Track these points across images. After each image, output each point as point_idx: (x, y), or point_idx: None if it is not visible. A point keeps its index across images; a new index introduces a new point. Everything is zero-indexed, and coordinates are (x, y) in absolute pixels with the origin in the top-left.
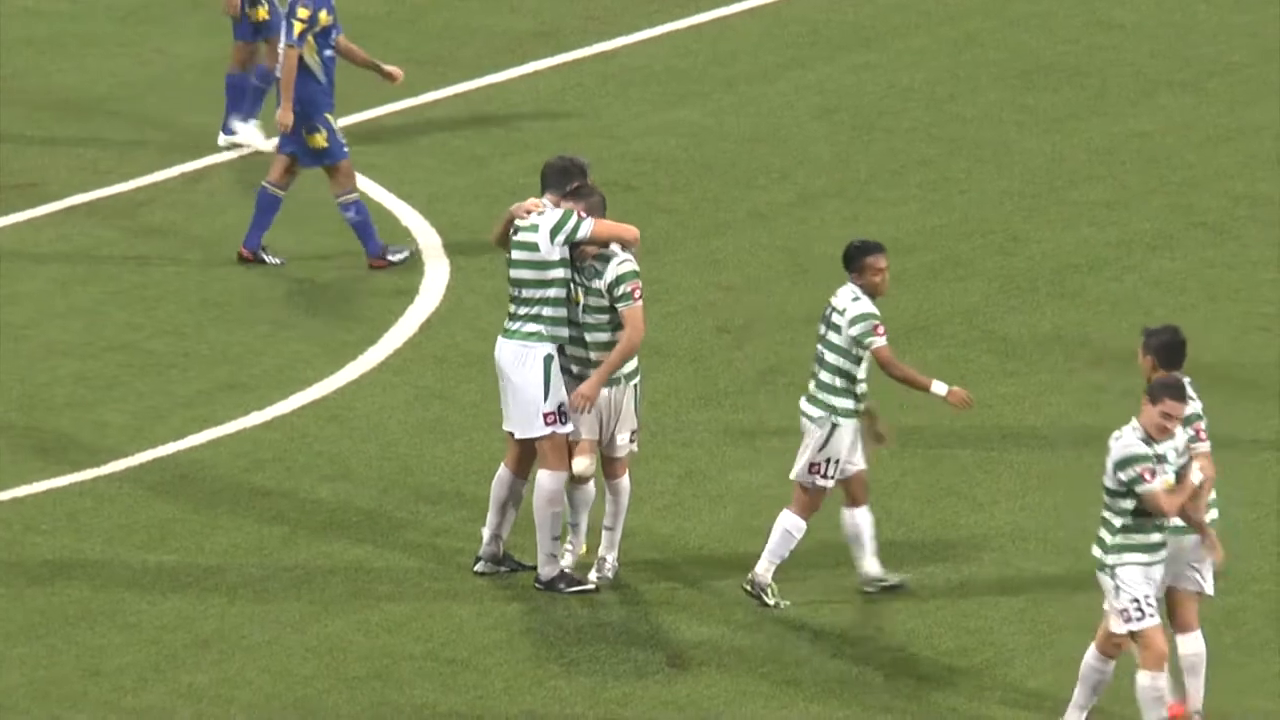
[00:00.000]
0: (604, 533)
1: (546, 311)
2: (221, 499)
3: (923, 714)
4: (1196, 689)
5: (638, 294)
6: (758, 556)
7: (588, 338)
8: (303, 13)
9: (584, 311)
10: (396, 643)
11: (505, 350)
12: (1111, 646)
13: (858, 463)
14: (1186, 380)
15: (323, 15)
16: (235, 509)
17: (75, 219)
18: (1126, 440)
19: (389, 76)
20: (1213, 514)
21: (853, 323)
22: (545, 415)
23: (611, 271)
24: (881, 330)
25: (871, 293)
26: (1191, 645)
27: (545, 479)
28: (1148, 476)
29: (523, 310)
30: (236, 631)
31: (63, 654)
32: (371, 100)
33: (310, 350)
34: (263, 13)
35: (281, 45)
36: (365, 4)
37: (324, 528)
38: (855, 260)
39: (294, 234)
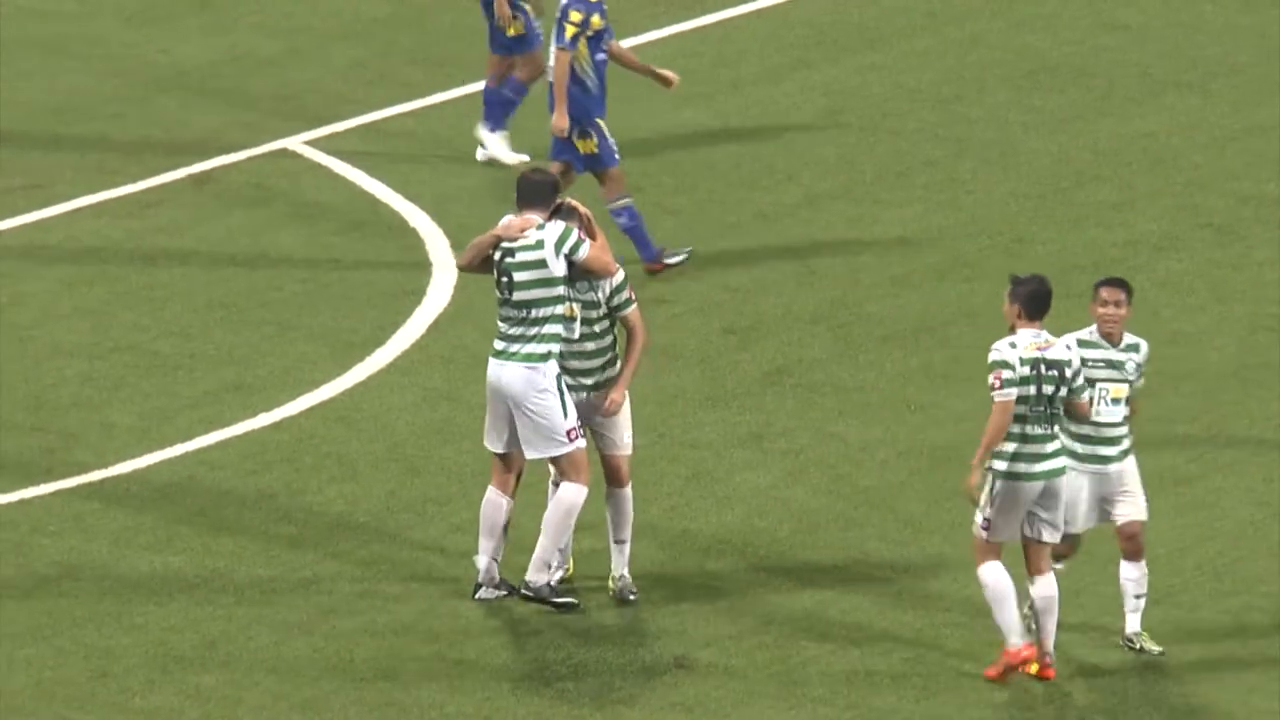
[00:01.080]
0: (616, 547)
1: (550, 329)
2: (229, 500)
3: (930, 716)
4: (1048, 632)
5: (634, 295)
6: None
7: (590, 347)
8: (575, 16)
9: (581, 324)
10: (404, 644)
11: (510, 374)
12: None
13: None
14: (1035, 334)
15: (595, 19)
16: (242, 510)
17: (82, 220)
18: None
19: (665, 81)
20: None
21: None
22: (568, 432)
23: (608, 282)
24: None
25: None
26: (1043, 589)
27: (572, 492)
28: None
29: (530, 331)
30: (244, 633)
31: (70, 655)
32: (379, 101)
33: (317, 351)
34: (519, 27)
35: (553, 50)
36: (371, 4)
37: (331, 529)
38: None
39: (300, 234)
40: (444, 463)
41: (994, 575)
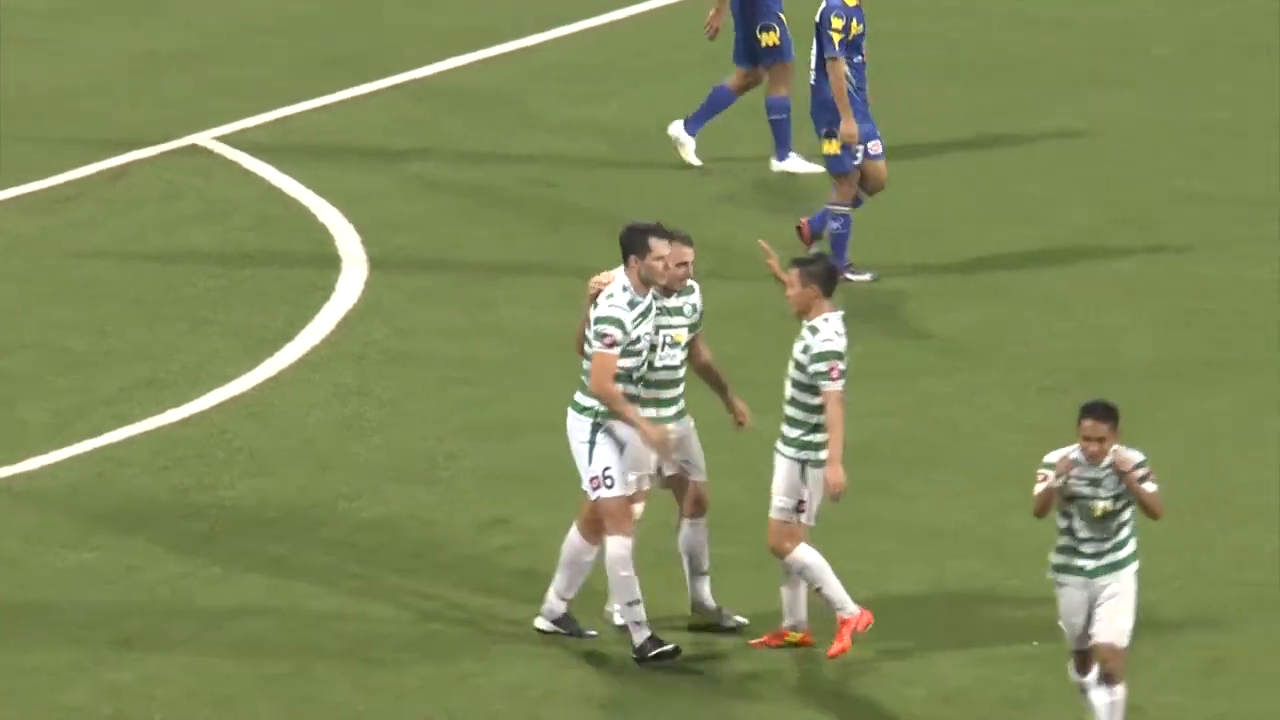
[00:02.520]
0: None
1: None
2: (141, 497)
3: (849, 710)
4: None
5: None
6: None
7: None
8: (837, 23)
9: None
10: (316, 640)
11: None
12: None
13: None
14: (840, 315)
15: (854, 24)
16: (155, 507)
17: None
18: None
19: (846, 135)
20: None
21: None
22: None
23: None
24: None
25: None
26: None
27: (608, 544)
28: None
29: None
30: (157, 629)
31: None
32: (290, 97)
33: (229, 347)
34: (774, 38)
35: (823, 61)
36: (290, 2)
37: (243, 525)
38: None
39: (212, 230)
40: (355, 459)
41: (810, 554)
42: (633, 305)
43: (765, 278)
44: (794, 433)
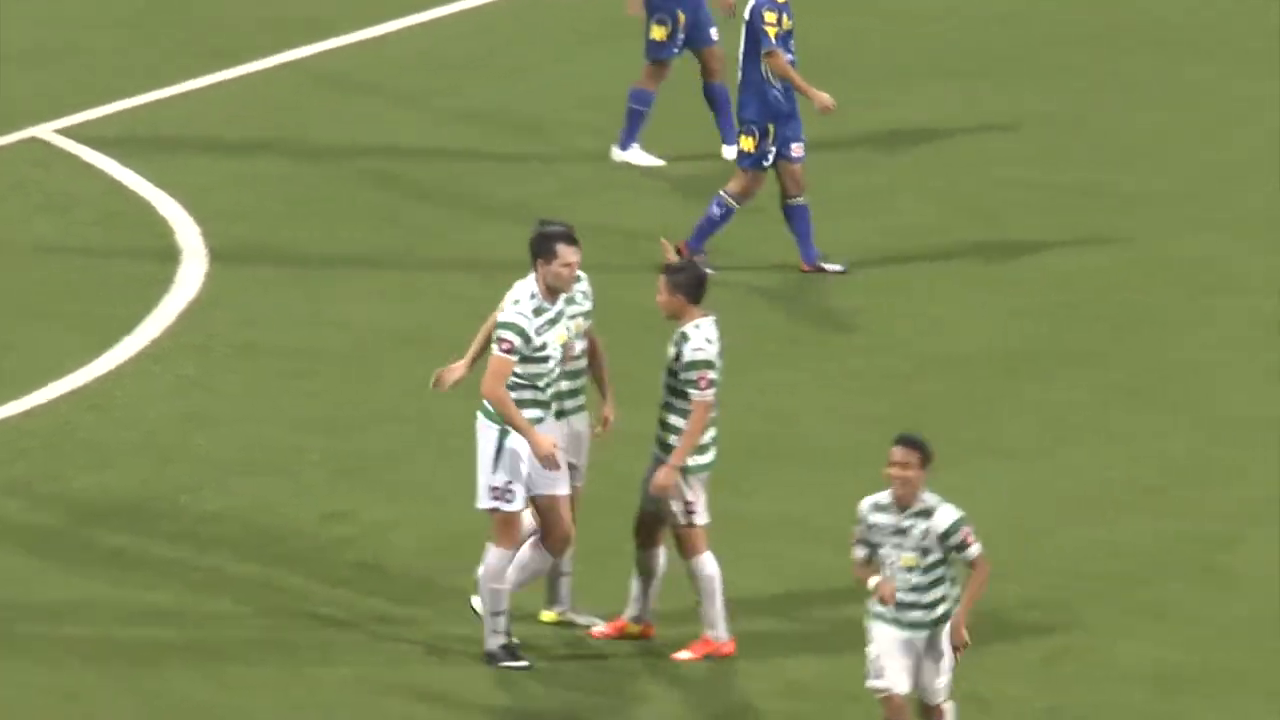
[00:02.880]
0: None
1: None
2: None
3: (692, 702)
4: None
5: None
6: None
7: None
8: (770, 17)
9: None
10: (159, 634)
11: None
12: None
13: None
14: (711, 320)
15: (785, 19)
16: None
17: None
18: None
19: (822, 106)
20: (708, 457)
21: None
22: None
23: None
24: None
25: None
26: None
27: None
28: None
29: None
30: (2, 623)
31: None
32: (130, 90)
33: (71, 339)
34: (662, 33)
35: (740, 56)
36: None
37: (86, 517)
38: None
39: (53, 222)
40: (197, 451)
41: (710, 566)
42: (538, 313)
43: (614, 268)
44: (670, 437)
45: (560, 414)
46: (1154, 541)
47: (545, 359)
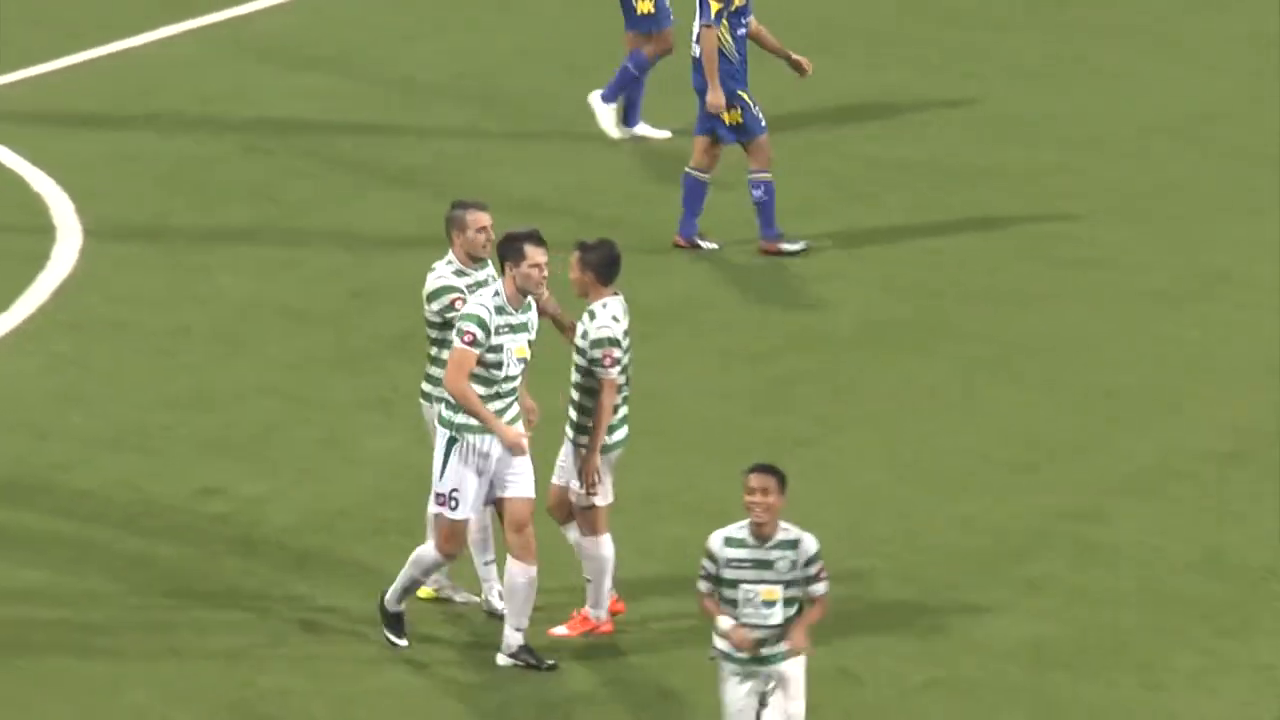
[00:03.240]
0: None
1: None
2: None
3: (564, 676)
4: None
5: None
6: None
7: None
8: None
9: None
10: (32, 610)
11: None
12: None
13: None
14: (619, 299)
15: None
16: None
17: None
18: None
19: (797, 67)
20: (617, 436)
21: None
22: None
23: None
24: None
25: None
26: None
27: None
28: None
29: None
30: None
31: None
32: (5, 66)
33: None
34: (648, 5)
35: (697, 27)
36: None
37: None
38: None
39: None
40: (71, 429)
41: (606, 548)
42: (499, 311)
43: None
44: (578, 416)
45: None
46: (1026, 516)
47: (499, 363)
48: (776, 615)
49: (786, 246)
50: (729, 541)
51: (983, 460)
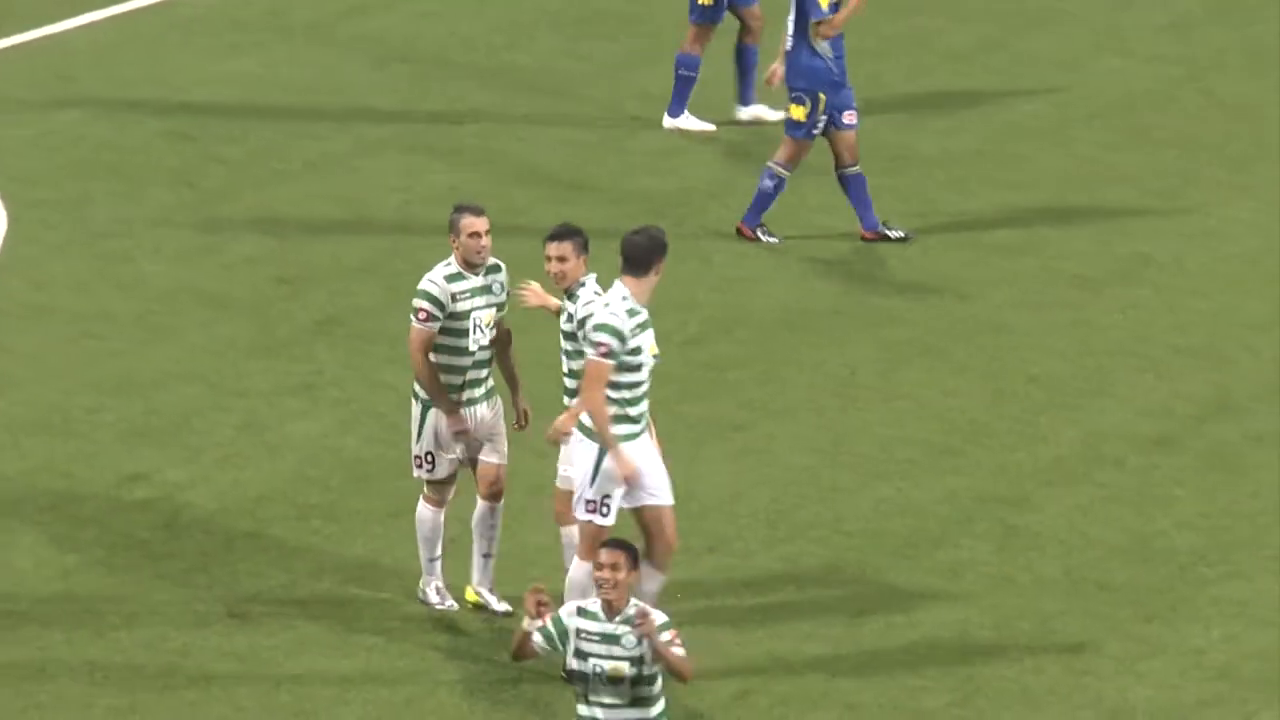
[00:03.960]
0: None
1: None
2: None
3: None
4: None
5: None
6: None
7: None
8: None
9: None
10: None
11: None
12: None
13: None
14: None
15: None
16: None
17: None
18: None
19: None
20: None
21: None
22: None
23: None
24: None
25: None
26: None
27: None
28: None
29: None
30: None
31: None
32: None
33: None
34: None
35: (790, 25)
36: None
37: None
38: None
39: None
40: None
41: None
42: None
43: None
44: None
45: (470, 402)
46: (950, 501)
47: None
48: (622, 693)
49: (765, 238)
50: (582, 612)
51: (908, 445)
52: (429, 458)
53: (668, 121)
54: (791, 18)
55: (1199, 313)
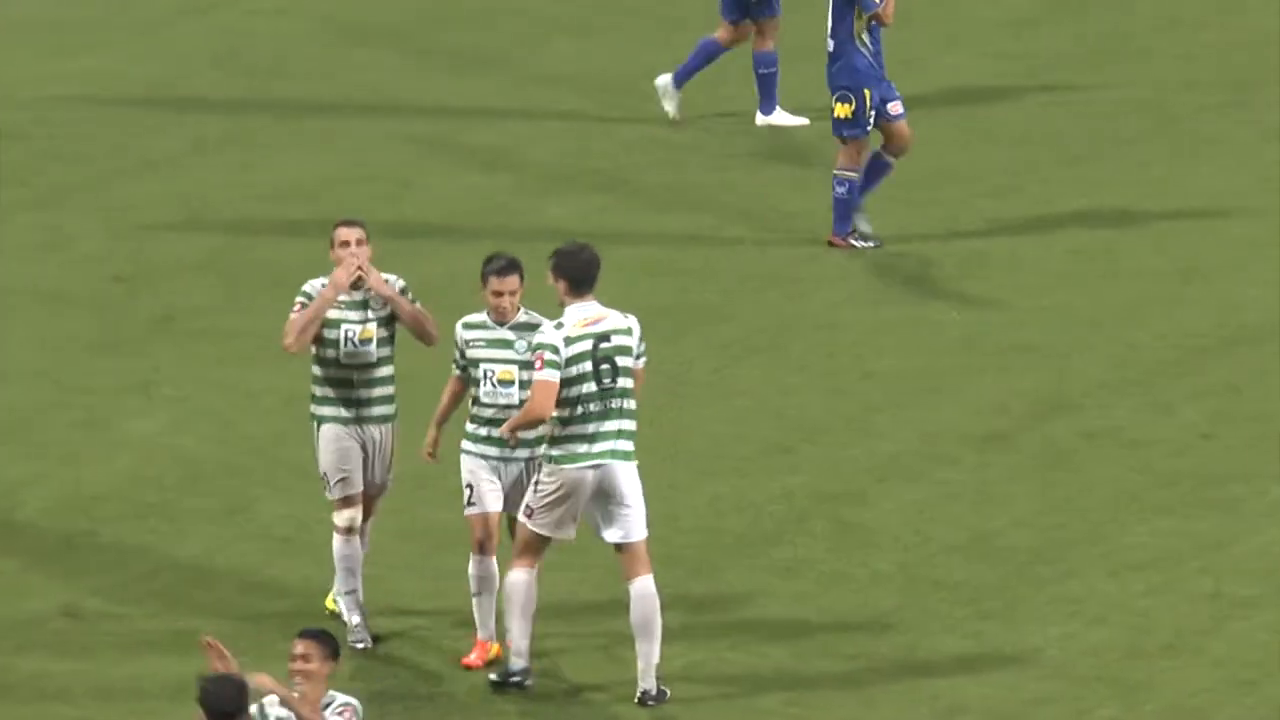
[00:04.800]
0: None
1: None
2: None
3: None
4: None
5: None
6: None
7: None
8: None
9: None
10: None
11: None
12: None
13: None
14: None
15: None
16: None
17: None
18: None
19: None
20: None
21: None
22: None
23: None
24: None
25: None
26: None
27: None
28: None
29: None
30: None
31: None
32: None
33: None
34: None
35: (830, 22)
36: None
37: None
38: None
39: None
40: None
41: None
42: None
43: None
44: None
45: (359, 420)
46: (786, 499)
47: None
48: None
49: (859, 243)
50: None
51: (740, 442)
52: (325, 477)
53: (760, 119)
54: (830, 15)
55: (1031, 308)
